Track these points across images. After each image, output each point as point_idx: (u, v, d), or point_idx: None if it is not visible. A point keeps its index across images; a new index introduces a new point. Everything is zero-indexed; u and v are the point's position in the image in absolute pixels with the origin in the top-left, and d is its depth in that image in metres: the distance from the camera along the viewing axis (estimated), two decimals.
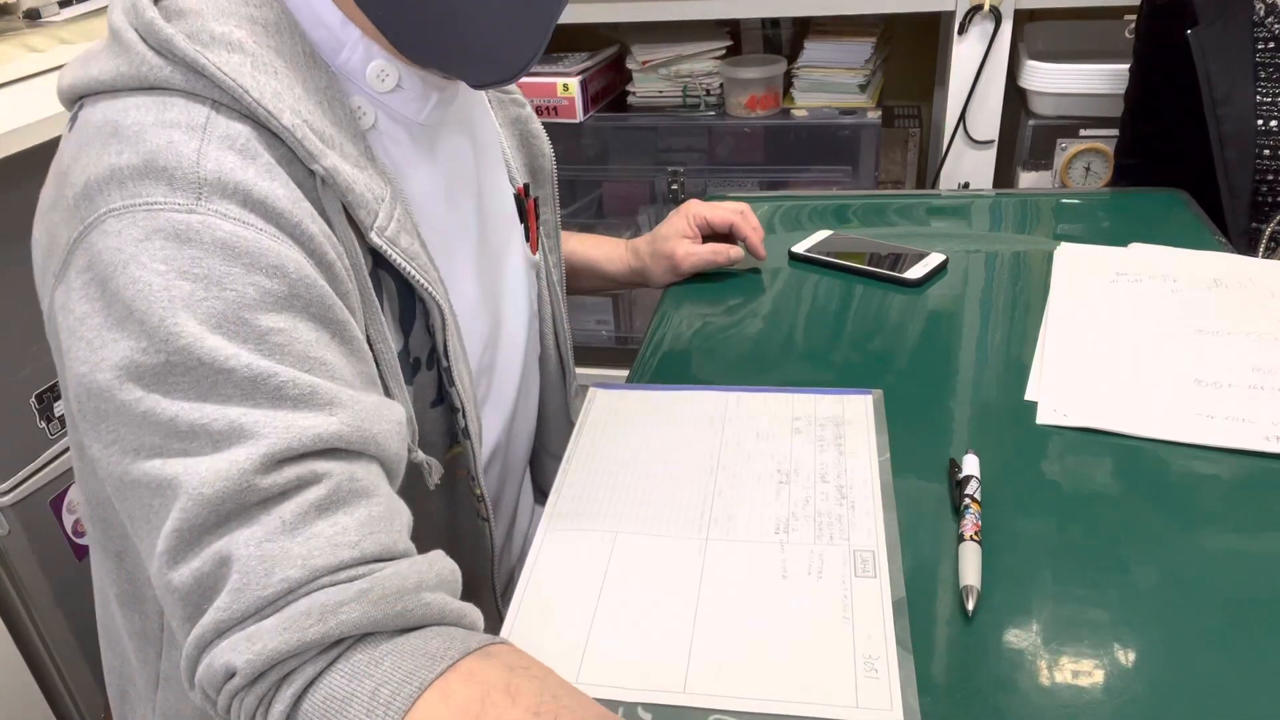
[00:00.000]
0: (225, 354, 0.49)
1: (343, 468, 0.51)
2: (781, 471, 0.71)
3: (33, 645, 1.19)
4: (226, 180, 0.50)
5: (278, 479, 0.48)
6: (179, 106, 0.52)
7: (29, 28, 1.42)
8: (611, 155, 1.81)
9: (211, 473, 0.47)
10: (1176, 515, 0.65)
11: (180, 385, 0.49)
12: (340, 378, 0.53)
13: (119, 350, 0.49)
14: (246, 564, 0.47)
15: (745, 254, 1.04)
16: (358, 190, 0.56)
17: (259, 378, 0.49)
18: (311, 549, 0.48)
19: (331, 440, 0.50)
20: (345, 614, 0.47)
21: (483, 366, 0.74)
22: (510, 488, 0.85)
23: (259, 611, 0.47)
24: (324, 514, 0.50)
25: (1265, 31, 1.11)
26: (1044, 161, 1.56)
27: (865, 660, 0.55)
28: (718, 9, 1.60)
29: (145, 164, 0.50)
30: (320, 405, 0.51)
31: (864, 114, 1.68)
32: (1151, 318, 0.87)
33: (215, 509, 0.48)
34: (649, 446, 0.75)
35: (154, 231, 0.49)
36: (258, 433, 0.48)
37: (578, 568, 0.64)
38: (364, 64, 0.60)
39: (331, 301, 0.54)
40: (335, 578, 0.48)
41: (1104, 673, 0.54)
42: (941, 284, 0.99)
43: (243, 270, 0.50)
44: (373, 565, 0.50)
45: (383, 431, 0.54)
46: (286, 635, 0.47)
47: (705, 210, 1.03)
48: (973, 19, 1.51)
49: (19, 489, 1.15)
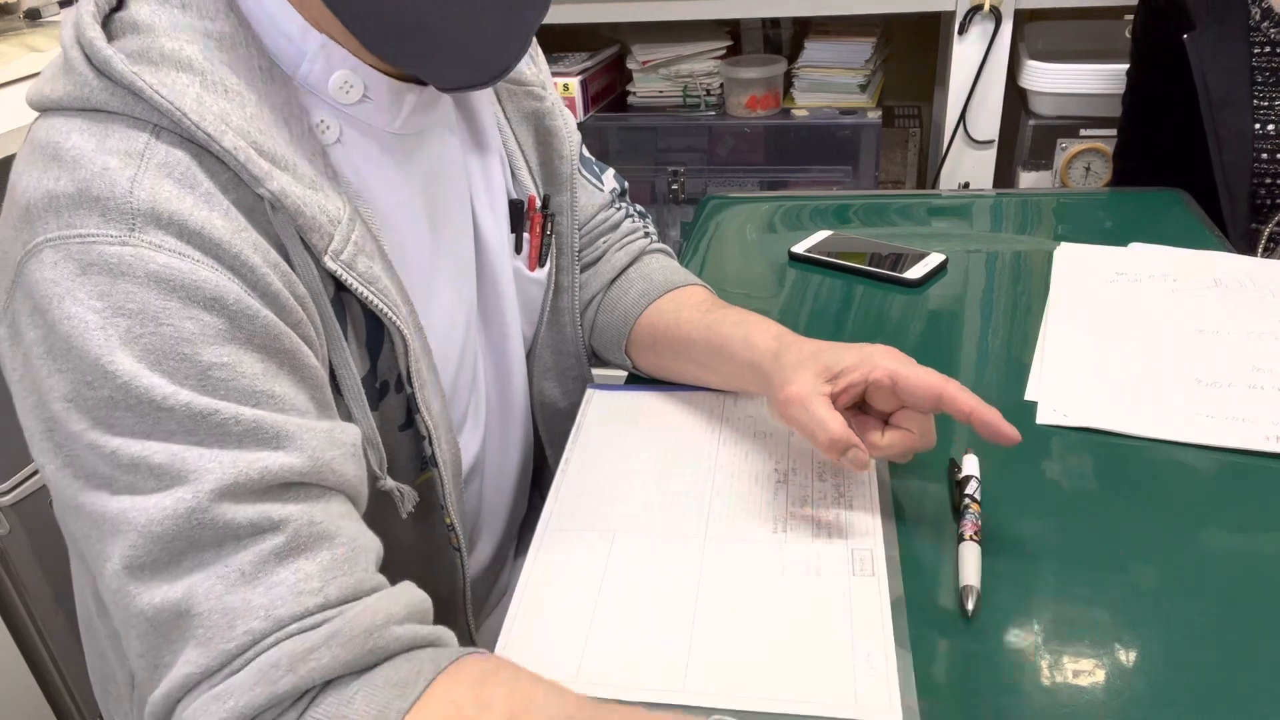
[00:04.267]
0: (163, 392, 0.48)
1: (300, 510, 0.50)
2: (780, 471, 0.71)
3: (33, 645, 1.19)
4: (160, 210, 0.49)
5: (233, 516, 0.48)
6: (118, 134, 0.50)
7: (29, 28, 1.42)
8: (612, 155, 1.81)
9: (159, 510, 0.47)
10: (1176, 515, 0.65)
11: (123, 420, 0.48)
12: (292, 408, 0.52)
13: (64, 383, 0.48)
14: (209, 618, 0.47)
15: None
16: (308, 213, 0.54)
17: (199, 415, 0.48)
18: (274, 599, 0.47)
19: (282, 474, 0.49)
20: (315, 660, 0.47)
21: (461, 385, 0.72)
22: (500, 501, 0.83)
23: (225, 666, 0.47)
24: (284, 561, 0.49)
25: (1261, 35, 1.11)
26: (1044, 161, 1.56)
27: (864, 659, 0.55)
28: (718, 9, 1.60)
29: (79, 193, 0.49)
30: (265, 440, 0.49)
31: (864, 114, 1.69)
32: (1151, 318, 0.87)
33: (166, 547, 0.47)
34: (647, 446, 0.75)
35: (88, 265, 0.48)
36: (202, 468, 0.48)
37: (576, 567, 0.64)
38: (326, 75, 0.57)
39: (277, 331, 0.52)
40: (302, 624, 0.47)
41: (1104, 673, 0.54)
42: (941, 284, 0.99)
43: (179, 304, 0.49)
44: (341, 608, 0.49)
45: (338, 457, 0.53)
46: (258, 690, 0.46)
47: (898, 370, 0.64)
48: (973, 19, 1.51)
49: (19, 489, 1.15)
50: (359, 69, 0.58)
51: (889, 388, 0.64)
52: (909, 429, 0.65)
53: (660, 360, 0.82)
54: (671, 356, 0.80)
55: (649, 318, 0.81)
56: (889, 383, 0.64)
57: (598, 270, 0.86)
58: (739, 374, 0.74)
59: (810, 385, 0.65)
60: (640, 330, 0.82)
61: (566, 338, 0.84)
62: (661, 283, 0.83)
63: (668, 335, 0.79)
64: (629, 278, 0.85)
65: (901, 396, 0.64)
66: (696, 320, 0.77)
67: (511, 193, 0.76)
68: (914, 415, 0.65)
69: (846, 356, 0.66)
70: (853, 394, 0.66)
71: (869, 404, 0.68)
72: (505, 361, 0.78)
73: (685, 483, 0.71)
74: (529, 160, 0.77)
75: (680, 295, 0.82)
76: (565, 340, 0.84)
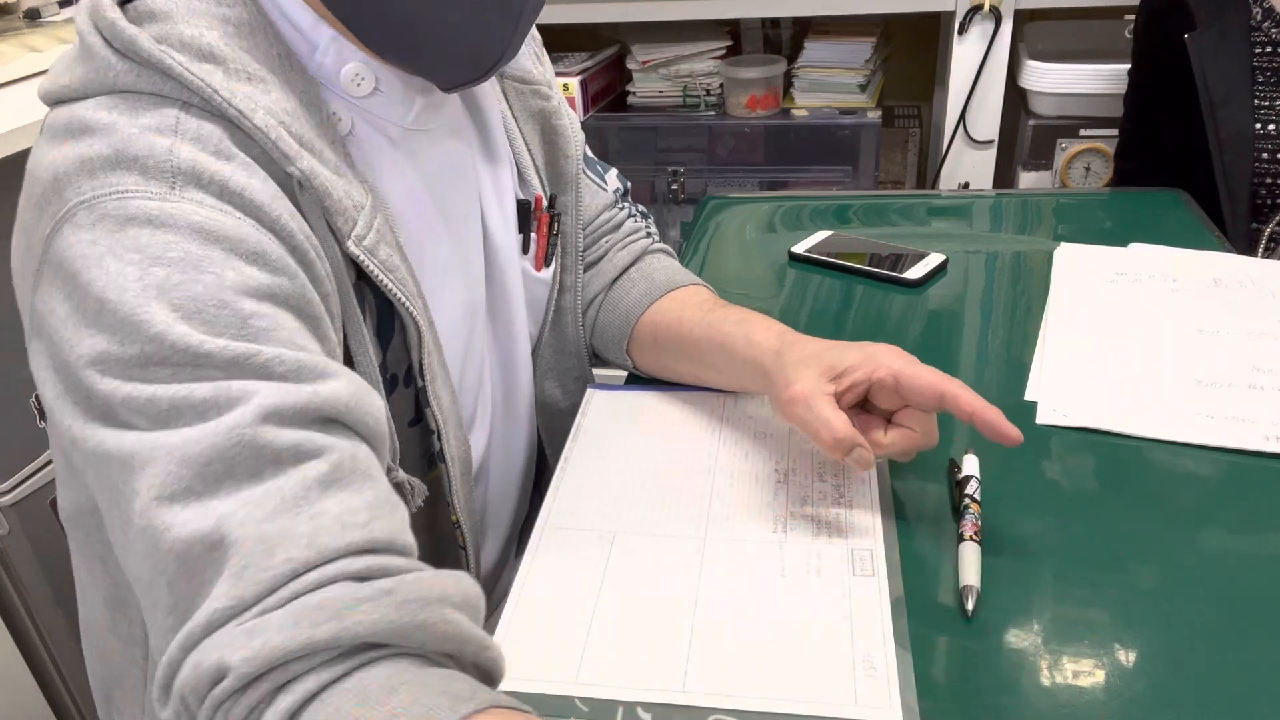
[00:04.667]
0: (199, 338, 0.45)
1: (344, 444, 0.47)
2: (780, 471, 0.71)
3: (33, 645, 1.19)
4: (201, 171, 0.48)
5: (276, 438, 0.44)
6: (147, 109, 0.50)
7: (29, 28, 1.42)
8: (611, 155, 1.81)
9: (198, 432, 0.44)
10: (1176, 515, 0.65)
11: (159, 375, 0.46)
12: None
13: (93, 345, 0.46)
14: (244, 545, 0.42)
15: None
16: (335, 196, 0.54)
17: (240, 358, 0.46)
18: (318, 527, 0.43)
19: (330, 403, 0.47)
20: (364, 614, 0.42)
21: (468, 383, 0.72)
22: (504, 502, 0.83)
23: (260, 600, 0.42)
24: (328, 491, 0.45)
25: (1262, 36, 1.11)
26: (1044, 161, 1.56)
27: (864, 659, 0.55)
28: (718, 9, 1.60)
29: (116, 154, 0.48)
30: (312, 376, 0.47)
31: (864, 114, 1.69)
32: (1151, 318, 0.87)
33: (200, 472, 0.43)
34: (647, 446, 0.75)
35: (127, 220, 0.47)
36: (248, 394, 0.45)
37: (576, 567, 0.64)
38: (338, 67, 0.58)
39: (311, 296, 0.52)
40: (347, 564, 0.43)
41: (1104, 673, 0.54)
42: (941, 284, 0.99)
43: (222, 254, 0.47)
44: (384, 557, 0.45)
45: (376, 407, 0.51)
46: (294, 632, 0.40)
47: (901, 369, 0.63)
48: (973, 19, 1.51)
49: (19, 489, 1.15)
50: (369, 62, 0.59)
51: (892, 387, 0.64)
52: (912, 427, 0.65)
53: (661, 360, 0.81)
54: (672, 356, 0.80)
55: (650, 317, 0.81)
56: (892, 382, 0.64)
57: (600, 270, 0.86)
58: (741, 373, 0.73)
59: (814, 384, 0.64)
60: (642, 330, 0.82)
61: (568, 337, 0.84)
62: (663, 282, 0.83)
63: (669, 334, 0.79)
64: (631, 277, 0.85)
65: (904, 395, 0.64)
66: (698, 319, 0.77)
67: (518, 193, 0.77)
68: (917, 414, 0.65)
69: (850, 355, 0.65)
70: (856, 393, 0.66)
71: (872, 402, 0.67)
72: (512, 361, 0.79)
73: (685, 483, 0.71)
74: (535, 160, 0.78)
75: (682, 295, 0.82)
76: (567, 340, 0.84)
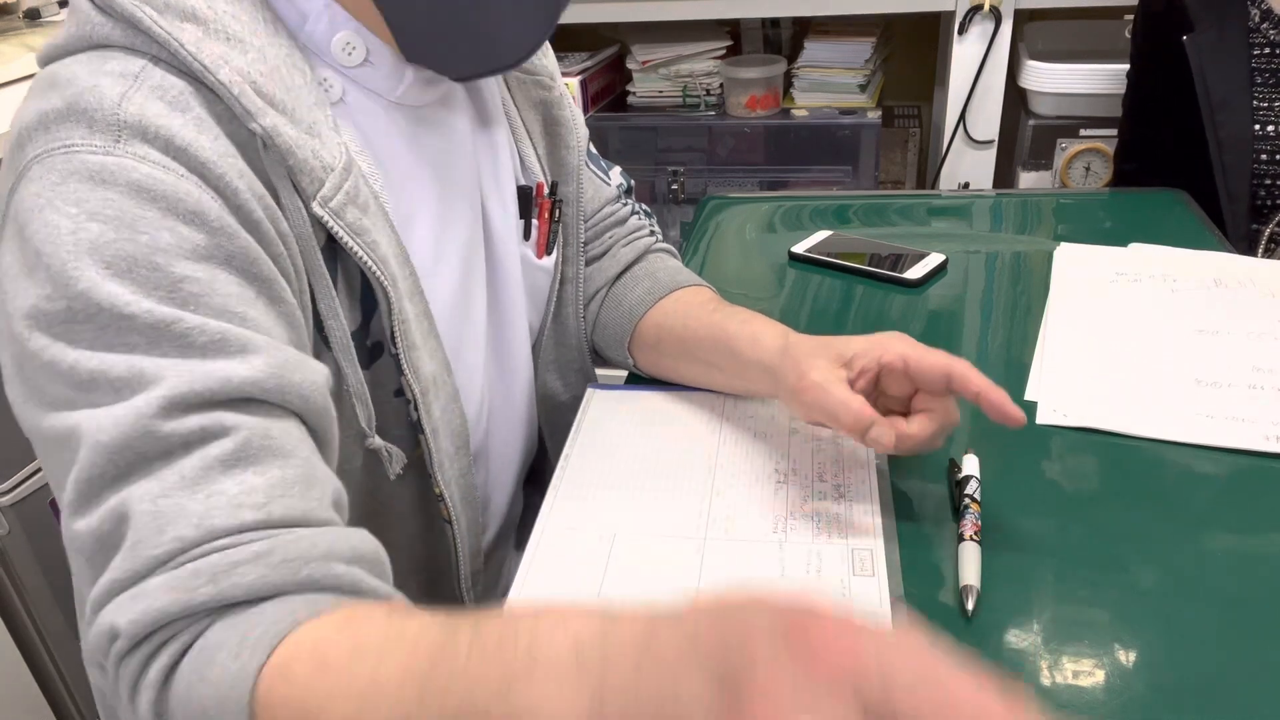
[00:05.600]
0: (124, 300, 0.46)
1: (255, 422, 0.48)
2: (779, 471, 0.71)
3: (33, 645, 1.19)
4: (148, 124, 0.49)
5: (179, 427, 0.46)
6: (116, 59, 0.51)
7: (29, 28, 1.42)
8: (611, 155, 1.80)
9: (110, 420, 0.45)
10: (1176, 515, 0.65)
11: (83, 333, 0.47)
12: (265, 333, 0.50)
13: (28, 298, 0.47)
14: (140, 520, 0.44)
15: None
16: (300, 155, 0.54)
17: (161, 324, 0.47)
18: (210, 507, 0.45)
19: (243, 387, 0.47)
20: (239, 576, 0.44)
21: (467, 361, 0.72)
22: (504, 485, 0.83)
23: (150, 572, 0.44)
24: (229, 470, 0.46)
25: (1261, 37, 1.11)
26: (1044, 161, 1.56)
27: None
28: (718, 9, 1.60)
29: (68, 107, 0.49)
30: (231, 352, 0.48)
31: (864, 114, 1.69)
32: (1151, 318, 0.87)
33: (113, 458, 0.45)
34: (647, 446, 0.75)
35: (69, 174, 0.48)
36: (159, 378, 0.46)
37: (576, 567, 0.64)
38: (329, 36, 0.58)
39: (256, 256, 0.51)
40: (235, 539, 0.45)
41: (1104, 673, 0.54)
42: (941, 284, 0.99)
43: (158, 214, 0.48)
44: (278, 530, 0.46)
45: (306, 381, 0.51)
46: (174, 595, 0.43)
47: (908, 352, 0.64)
48: (973, 19, 1.51)
49: (19, 489, 1.15)
50: (361, 32, 0.59)
51: (901, 370, 0.64)
52: (930, 408, 0.65)
53: (662, 360, 0.81)
54: (674, 356, 0.80)
55: (653, 317, 0.81)
56: (901, 365, 0.64)
57: (603, 265, 0.86)
58: (747, 374, 0.73)
59: (827, 371, 0.65)
60: (644, 329, 0.82)
61: (570, 330, 0.84)
62: (667, 282, 0.83)
63: (672, 335, 0.79)
64: (634, 275, 0.85)
65: (913, 378, 0.64)
66: (702, 320, 0.77)
67: (520, 179, 0.77)
68: (930, 397, 0.65)
69: (856, 343, 0.66)
70: (868, 378, 0.66)
71: (884, 390, 0.67)
72: (508, 347, 0.79)
73: (685, 483, 0.71)
74: (537, 148, 0.78)
75: (685, 295, 0.82)
76: (568, 332, 0.84)
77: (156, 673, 0.44)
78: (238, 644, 0.43)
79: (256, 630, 0.43)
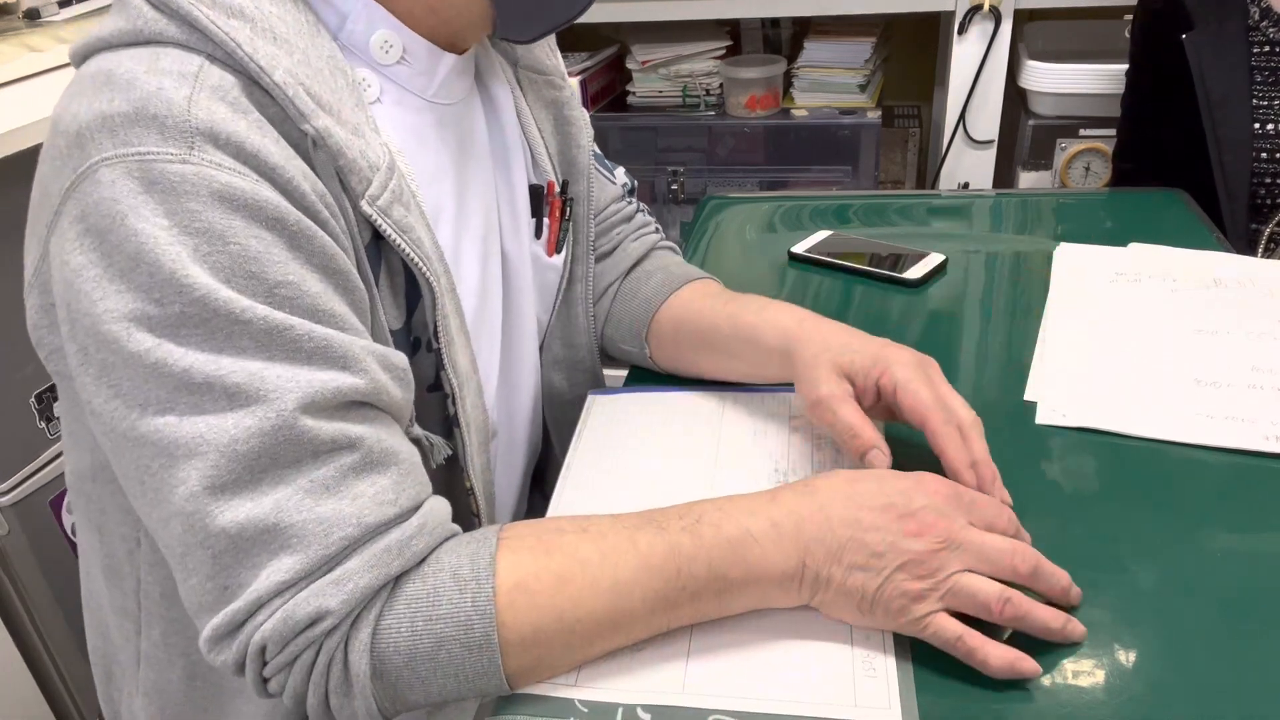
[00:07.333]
0: (241, 305, 0.49)
1: (370, 431, 0.54)
2: (779, 470, 0.71)
3: (33, 645, 1.19)
4: (218, 130, 0.50)
5: (314, 433, 0.50)
6: (171, 57, 0.51)
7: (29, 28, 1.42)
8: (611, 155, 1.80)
9: (241, 429, 0.49)
10: (1176, 515, 0.65)
11: (194, 337, 0.49)
12: (350, 327, 0.54)
13: (126, 301, 0.49)
14: (303, 527, 0.50)
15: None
16: (349, 155, 0.55)
17: (275, 330, 0.50)
18: (360, 508, 0.52)
19: (350, 394, 0.52)
20: (415, 546, 0.53)
21: (483, 357, 0.72)
22: (511, 484, 0.84)
23: (322, 568, 0.50)
24: (361, 476, 0.52)
25: (1260, 35, 1.11)
26: (1044, 161, 1.56)
27: (863, 660, 0.55)
28: (718, 9, 1.60)
29: (136, 111, 0.49)
30: (334, 360, 0.52)
31: (864, 114, 1.69)
32: (1151, 318, 0.87)
33: (250, 465, 0.49)
34: (647, 448, 0.75)
35: (150, 184, 0.49)
36: (282, 386, 0.50)
37: None
38: (367, 35, 0.60)
39: (333, 251, 0.54)
40: (388, 530, 0.53)
41: (1104, 673, 0.54)
42: (941, 284, 0.99)
43: (243, 223, 0.50)
44: (412, 512, 0.54)
45: (390, 381, 0.56)
46: (375, 572, 0.51)
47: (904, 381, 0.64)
48: (973, 19, 1.51)
49: (19, 489, 1.15)
50: (399, 30, 0.61)
51: (891, 394, 0.65)
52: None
53: (679, 351, 0.81)
54: (692, 347, 0.80)
55: (670, 309, 0.82)
56: (891, 390, 0.65)
57: (614, 260, 0.87)
58: (767, 361, 0.74)
59: (834, 386, 0.66)
60: (662, 319, 0.82)
61: (578, 328, 0.84)
62: (680, 275, 0.84)
63: (690, 325, 0.80)
64: (646, 269, 0.86)
65: (895, 409, 0.65)
66: (719, 310, 0.78)
67: (531, 177, 0.78)
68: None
69: (859, 359, 0.67)
70: (872, 393, 0.67)
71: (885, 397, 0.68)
72: (519, 345, 0.79)
73: (685, 483, 0.71)
74: (549, 147, 0.79)
75: (699, 287, 0.83)
76: (577, 331, 0.84)
77: (365, 636, 0.51)
78: (453, 583, 0.52)
79: (465, 568, 0.53)
